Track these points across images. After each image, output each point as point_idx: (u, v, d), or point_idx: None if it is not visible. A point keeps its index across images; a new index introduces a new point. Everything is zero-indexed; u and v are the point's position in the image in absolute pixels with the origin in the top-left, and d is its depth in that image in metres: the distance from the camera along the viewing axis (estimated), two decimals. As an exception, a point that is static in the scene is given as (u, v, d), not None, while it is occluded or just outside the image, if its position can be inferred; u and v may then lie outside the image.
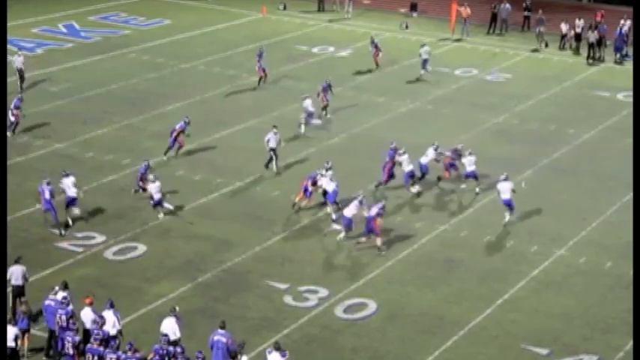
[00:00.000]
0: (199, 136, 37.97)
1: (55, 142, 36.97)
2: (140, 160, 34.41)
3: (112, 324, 23.32)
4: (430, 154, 34.00)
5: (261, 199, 33.12)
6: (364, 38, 51.69)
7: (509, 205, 31.17)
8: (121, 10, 55.33)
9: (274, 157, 34.82)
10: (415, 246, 30.16)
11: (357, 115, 40.95)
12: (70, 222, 30.30)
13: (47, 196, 29.70)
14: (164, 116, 40.03)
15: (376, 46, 46.74)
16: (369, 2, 58.65)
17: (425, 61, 45.13)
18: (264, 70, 43.60)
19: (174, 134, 35.76)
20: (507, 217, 31.26)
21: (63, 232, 29.82)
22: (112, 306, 23.62)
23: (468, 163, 33.48)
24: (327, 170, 31.96)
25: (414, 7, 56.42)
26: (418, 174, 33.58)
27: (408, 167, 33.30)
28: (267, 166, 34.91)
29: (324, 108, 40.01)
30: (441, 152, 33.91)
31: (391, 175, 33.50)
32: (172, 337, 22.99)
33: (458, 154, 33.81)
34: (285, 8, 56.63)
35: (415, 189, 33.27)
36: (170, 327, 23.28)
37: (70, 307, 23.62)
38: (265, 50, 44.05)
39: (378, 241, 29.43)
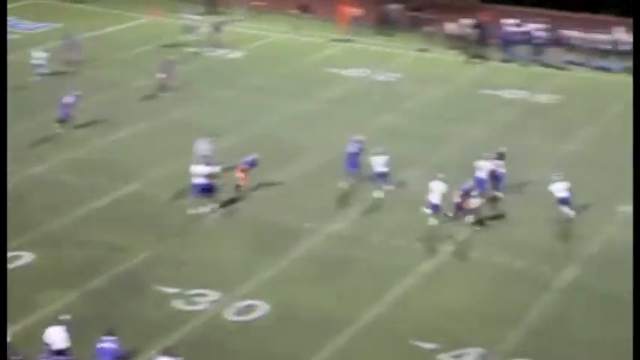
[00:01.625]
0: (92, 139, 37.60)
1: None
2: (29, 165, 34.00)
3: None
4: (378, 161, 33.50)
5: (153, 202, 32.90)
6: (255, 40, 51.89)
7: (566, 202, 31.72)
8: (8, 14, 54.27)
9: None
10: (307, 245, 30.36)
11: (252, 117, 40.99)
12: None
13: None
14: (51, 121, 39.41)
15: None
16: (260, 4, 58.67)
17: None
18: (164, 78, 43.51)
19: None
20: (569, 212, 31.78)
21: None
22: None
23: (376, 163, 33.61)
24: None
25: (304, 8, 56.68)
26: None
27: (380, 168, 33.28)
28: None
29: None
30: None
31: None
32: (60, 346, 22.71)
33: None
34: (176, 12, 56.17)
35: (378, 194, 33.27)
36: (58, 336, 23.00)
37: None
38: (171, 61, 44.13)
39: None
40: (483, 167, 33.17)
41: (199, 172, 31.73)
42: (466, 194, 31.30)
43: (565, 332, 26.17)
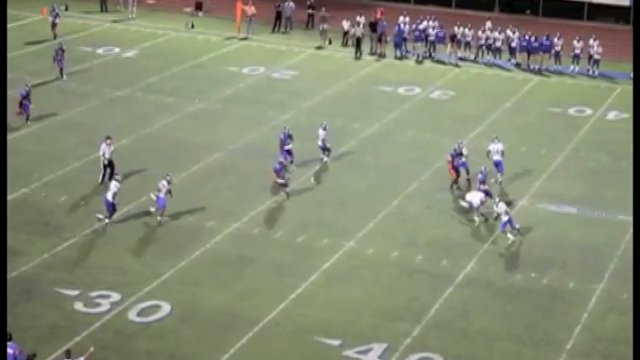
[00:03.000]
0: (-20, 142, 36.75)
1: None
2: None
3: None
4: (321, 135, 35.82)
5: (47, 205, 32.32)
6: (150, 38, 51.41)
7: (497, 165, 33.74)
8: None
9: (110, 169, 33.53)
10: (207, 245, 30.23)
11: (147, 116, 40.59)
12: None
13: None
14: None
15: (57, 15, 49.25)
16: (154, 2, 58.17)
17: None
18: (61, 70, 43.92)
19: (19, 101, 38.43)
20: (499, 178, 33.54)
21: None
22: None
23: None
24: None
25: (199, 7, 56.41)
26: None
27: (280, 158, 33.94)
28: (103, 180, 33.48)
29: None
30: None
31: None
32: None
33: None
34: (67, 9, 55.33)
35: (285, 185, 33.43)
36: None
37: None
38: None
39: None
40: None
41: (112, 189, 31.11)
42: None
43: (465, 326, 26.64)
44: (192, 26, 53.54)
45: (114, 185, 30.85)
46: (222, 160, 36.50)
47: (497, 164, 34.59)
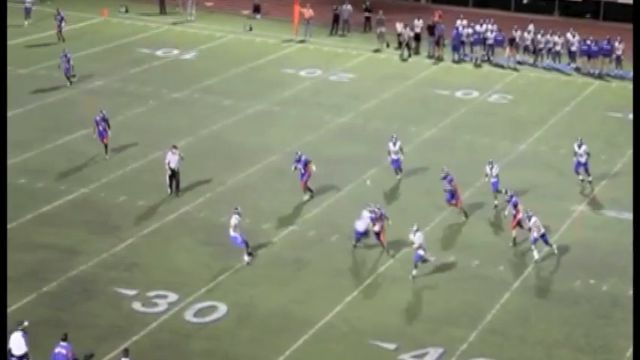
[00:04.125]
0: (40, 142, 37.25)
1: None
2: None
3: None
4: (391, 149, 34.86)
5: (106, 205, 32.63)
6: (208, 40, 51.75)
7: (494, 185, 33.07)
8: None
9: (176, 180, 33.13)
10: (264, 247, 30.30)
11: (204, 118, 40.85)
12: None
13: None
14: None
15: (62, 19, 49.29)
16: (212, 4, 58.54)
17: None
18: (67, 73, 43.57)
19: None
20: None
21: None
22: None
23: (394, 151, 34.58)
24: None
25: (257, 9, 56.65)
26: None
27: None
28: (172, 189, 33.13)
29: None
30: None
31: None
32: (18, 353, 22.46)
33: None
34: (127, 11, 55.97)
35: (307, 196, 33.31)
36: (17, 342, 22.72)
37: None
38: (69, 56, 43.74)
39: None
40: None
41: None
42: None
43: (523, 332, 26.41)
44: (250, 29, 53.77)
45: (235, 219, 29.27)
46: (278, 163, 36.58)
47: (494, 184, 33.49)
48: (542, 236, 29.84)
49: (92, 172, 34.84)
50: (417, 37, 51.00)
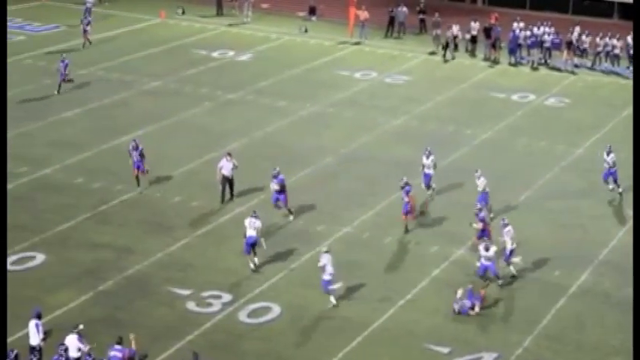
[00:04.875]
0: (97, 143, 37.61)
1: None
2: (37, 167, 34.04)
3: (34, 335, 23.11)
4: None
5: (161, 205, 32.84)
6: (264, 42, 51.91)
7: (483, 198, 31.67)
8: (16, 16, 54.25)
9: (230, 187, 32.91)
10: (317, 248, 30.23)
11: (261, 120, 40.97)
12: None
13: None
14: (60, 124, 39.50)
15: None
16: (268, 6, 58.72)
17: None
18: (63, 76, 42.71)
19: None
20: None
21: None
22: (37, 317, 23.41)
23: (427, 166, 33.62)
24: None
25: (312, 11, 56.71)
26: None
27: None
28: (224, 198, 32.80)
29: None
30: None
31: None
32: (74, 355, 22.71)
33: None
34: (183, 12, 56.36)
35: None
36: (73, 344, 22.96)
37: None
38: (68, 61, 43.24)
39: None
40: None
41: None
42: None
43: (579, 337, 26.10)
44: (306, 30, 53.85)
45: (253, 221, 28.86)
46: (333, 165, 36.57)
47: (482, 198, 32.06)
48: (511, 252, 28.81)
49: (149, 172, 35.02)
50: (474, 40, 50.67)
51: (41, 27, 52.77)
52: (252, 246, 28.70)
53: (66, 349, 22.64)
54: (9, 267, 28.43)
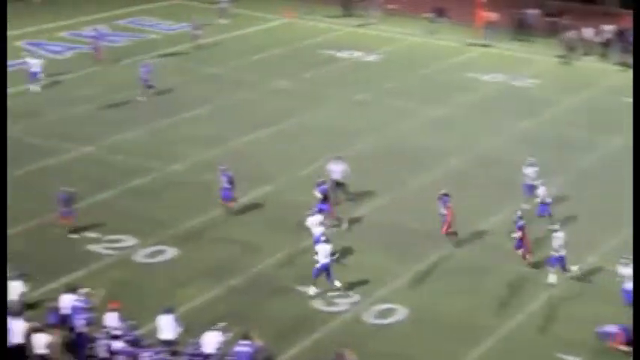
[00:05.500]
0: (226, 140, 38.04)
1: (82, 146, 37.03)
2: (169, 163, 34.66)
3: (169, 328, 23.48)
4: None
5: (291, 203, 32.93)
6: (390, 43, 51.81)
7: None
8: (149, 15, 55.38)
9: (340, 189, 32.59)
10: (446, 252, 29.98)
11: (387, 121, 40.88)
12: None
13: (64, 200, 30.04)
14: (191, 120, 40.13)
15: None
16: (395, 7, 58.51)
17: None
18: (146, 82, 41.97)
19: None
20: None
21: (77, 235, 30.00)
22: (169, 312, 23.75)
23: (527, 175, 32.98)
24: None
25: (440, 12, 56.25)
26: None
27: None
28: (334, 200, 32.16)
29: None
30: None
31: None
32: (209, 350, 23.00)
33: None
34: (310, 13, 56.67)
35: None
36: (210, 340, 23.31)
37: (91, 313, 23.80)
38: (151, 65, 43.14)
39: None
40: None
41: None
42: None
43: None
44: (432, 32, 53.49)
45: (315, 219, 28.97)
46: (460, 167, 36.20)
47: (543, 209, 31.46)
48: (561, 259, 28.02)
49: (276, 171, 35.28)
50: (606, 43, 49.54)
51: (173, 26, 53.73)
52: (326, 270, 27.57)
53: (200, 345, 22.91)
54: (142, 259, 28.97)
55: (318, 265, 27.32)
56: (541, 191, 31.63)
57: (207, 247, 29.96)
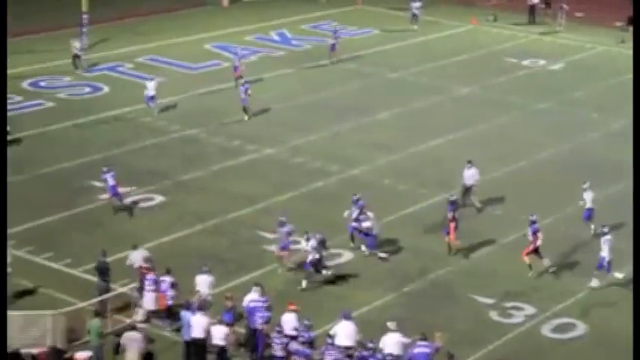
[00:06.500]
0: (405, 145, 38.06)
1: (265, 147, 37.77)
2: (346, 167, 34.98)
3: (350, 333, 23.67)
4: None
5: (466, 211, 32.58)
6: (577, 52, 50.65)
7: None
8: (333, 19, 55.96)
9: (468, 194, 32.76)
10: (623, 269, 28.99)
11: (566, 130, 40.00)
12: None
13: (111, 183, 31.39)
14: (370, 125, 40.34)
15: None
16: (582, 15, 57.16)
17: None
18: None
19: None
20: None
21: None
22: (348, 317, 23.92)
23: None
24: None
25: (631, 21, 54.52)
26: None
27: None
28: (464, 203, 32.29)
29: None
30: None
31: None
32: (392, 351, 22.96)
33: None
34: (495, 20, 56.09)
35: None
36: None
37: (269, 312, 24.24)
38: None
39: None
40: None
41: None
42: None
43: None
44: (623, 41, 51.89)
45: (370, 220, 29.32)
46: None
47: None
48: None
49: (451, 179, 34.89)
50: None
51: (356, 31, 54.16)
52: None
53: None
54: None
55: None
56: (587, 195, 31.08)
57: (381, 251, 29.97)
